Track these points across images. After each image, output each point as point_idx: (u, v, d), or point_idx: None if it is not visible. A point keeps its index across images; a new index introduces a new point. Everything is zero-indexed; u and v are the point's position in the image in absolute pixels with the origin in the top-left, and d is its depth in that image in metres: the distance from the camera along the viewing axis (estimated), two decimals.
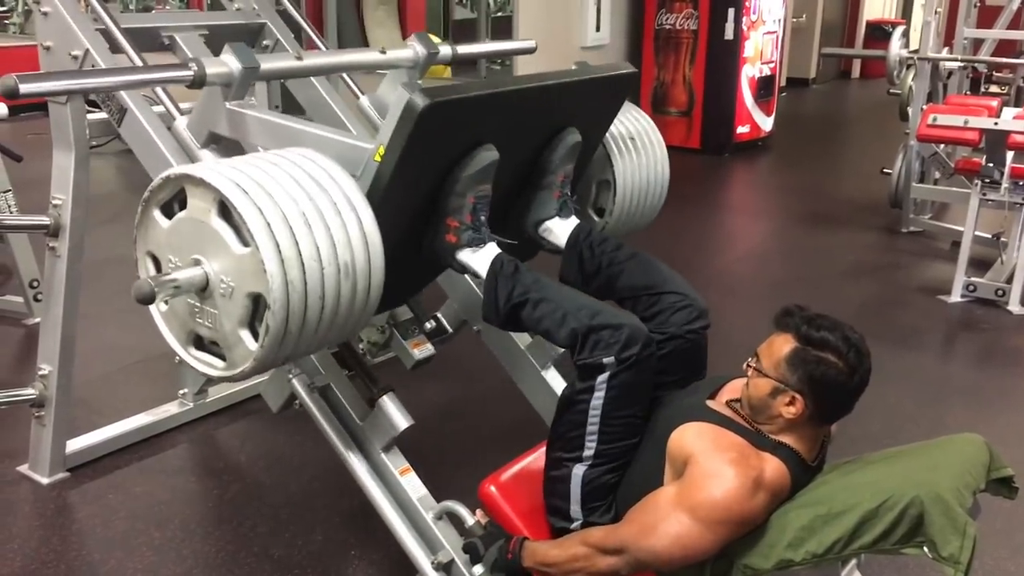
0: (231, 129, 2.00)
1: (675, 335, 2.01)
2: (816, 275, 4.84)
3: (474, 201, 1.93)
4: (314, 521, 2.55)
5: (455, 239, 1.94)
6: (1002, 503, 1.79)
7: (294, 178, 1.64)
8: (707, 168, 7.46)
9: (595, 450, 1.84)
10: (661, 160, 2.50)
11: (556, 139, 2.11)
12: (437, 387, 3.25)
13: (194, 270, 1.64)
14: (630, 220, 2.49)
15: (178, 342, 1.77)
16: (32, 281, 3.85)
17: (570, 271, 2.15)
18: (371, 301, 1.72)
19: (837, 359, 1.67)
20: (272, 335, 1.58)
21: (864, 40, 12.83)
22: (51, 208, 2.52)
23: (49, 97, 2.40)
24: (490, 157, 1.90)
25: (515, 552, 1.84)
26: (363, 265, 1.67)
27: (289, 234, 1.56)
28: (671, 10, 7.70)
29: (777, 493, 1.68)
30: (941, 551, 1.50)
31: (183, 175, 1.64)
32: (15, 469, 2.77)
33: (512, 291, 1.91)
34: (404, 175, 1.79)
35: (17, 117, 4.95)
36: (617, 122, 2.39)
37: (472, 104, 1.85)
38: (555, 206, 2.15)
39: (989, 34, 5.96)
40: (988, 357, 3.91)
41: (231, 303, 1.62)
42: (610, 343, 1.79)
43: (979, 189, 4.36)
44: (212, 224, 1.61)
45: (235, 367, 1.69)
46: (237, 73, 1.95)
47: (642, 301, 2.05)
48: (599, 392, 1.80)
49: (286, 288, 1.55)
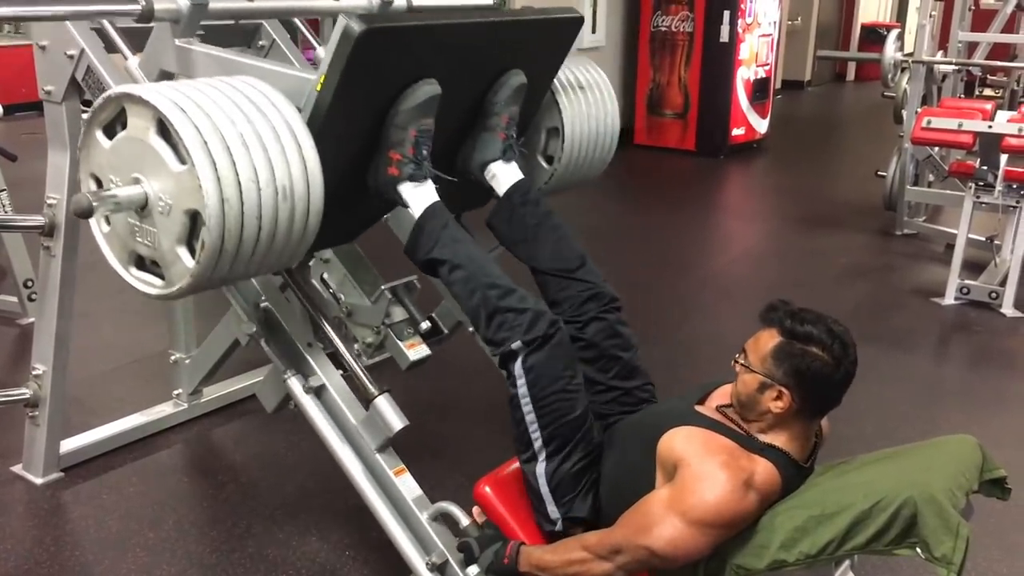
0: (180, 66, 2.04)
1: (591, 319, 2.10)
2: (810, 277, 4.85)
3: (416, 135, 1.96)
4: (309, 522, 2.55)
5: (397, 172, 1.99)
6: (995, 504, 1.79)
7: (234, 101, 1.69)
8: (702, 170, 7.47)
9: (541, 438, 1.88)
10: (611, 112, 2.54)
11: (501, 80, 2.14)
12: (432, 388, 3.25)
13: (134, 188, 1.69)
14: (579, 170, 2.52)
15: (119, 262, 1.83)
16: (26, 280, 3.84)
17: (498, 221, 2.22)
18: (310, 227, 1.77)
19: (822, 351, 1.68)
20: (208, 252, 1.63)
21: (859, 43, 12.87)
22: (46, 208, 2.52)
23: (43, 96, 2.40)
24: (432, 91, 1.93)
25: (512, 557, 1.84)
26: (301, 189, 1.71)
27: (226, 153, 1.61)
28: (667, 12, 7.72)
29: (768, 495, 1.69)
30: (934, 552, 1.50)
31: (124, 94, 1.69)
32: (9, 469, 2.77)
33: (434, 246, 1.99)
34: (344, 103, 1.82)
35: (12, 116, 4.93)
36: (568, 71, 2.42)
37: (412, 33, 1.88)
38: (499, 148, 2.19)
39: (983, 37, 5.98)
40: (981, 359, 3.92)
41: (169, 220, 1.67)
42: (513, 326, 1.86)
43: (973, 192, 4.37)
44: (151, 142, 1.65)
45: (173, 285, 1.74)
46: (185, 8, 1.99)
47: (552, 281, 2.15)
48: (520, 380, 1.87)
49: (222, 205, 1.60)
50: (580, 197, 3.32)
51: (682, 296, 4.51)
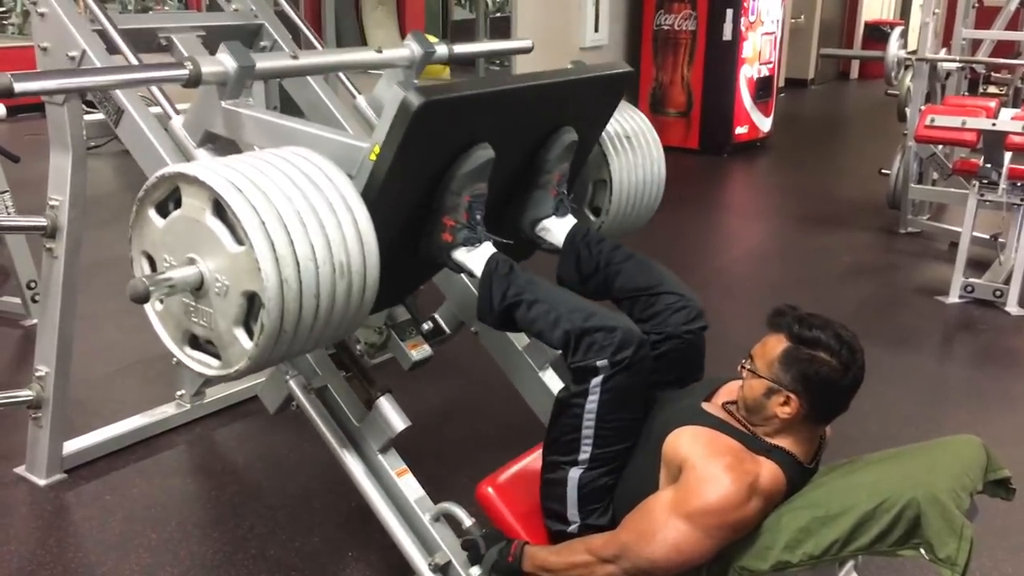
0: (227, 128, 2.00)
1: (672, 335, 2.01)
2: (814, 276, 4.84)
3: (470, 200, 1.93)
4: (311, 522, 2.55)
5: (451, 238, 1.94)
6: (999, 504, 1.79)
7: (289, 176, 1.64)
8: (705, 169, 7.46)
9: (591, 453, 1.84)
10: (657, 160, 2.50)
11: (552, 138, 2.11)
12: (434, 388, 3.25)
13: (189, 269, 1.64)
14: (626, 220, 2.49)
15: (174, 342, 1.77)
16: (29, 282, 3.85)
17: (567, 270, 2.15)
18: (366, 300, 1.72)
19: (830, 357, 1.67)
20: (267, 334, 1.58)
21: (862, 41, 12.84)
22: (48, 209, 2.52)
23: (45, 97, 2.39)
24: (486, 156, 1.90)
25: (516, 556, 1.84)
26: (358, 264, 1.67)
27: (284, 232, 1.56)
28: (669, 11, 7.71)
29: (772, 496, 1.68)
30: (938, 553, 1.50)
31: (178, 174, 1.64)
32: (12, 471, 2.77)
33: (507, 291, 1.91)
34: (399, 174, 1.79)
35: (15, 118, 4.93)
36: (613, 121, 2.39)
37: (467, 103, 1.85)
38: (552, 205, 2.15)
39: (987, 35, 5.96)
40: (986, 358, 3.91)
41: (226, 302, 1.62)
42: (604, 345, 1.78)
43: (977, 190, 4.36)
44: (207, 223, 1.61)
45: (230, 366, 1.68)
46: (232, 72, 1.95)
47: (639, 302, 2.06)
48: (593, 396, 1.80)
49: (281, 287, 1.55)
50: None
51: None
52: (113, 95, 2.21)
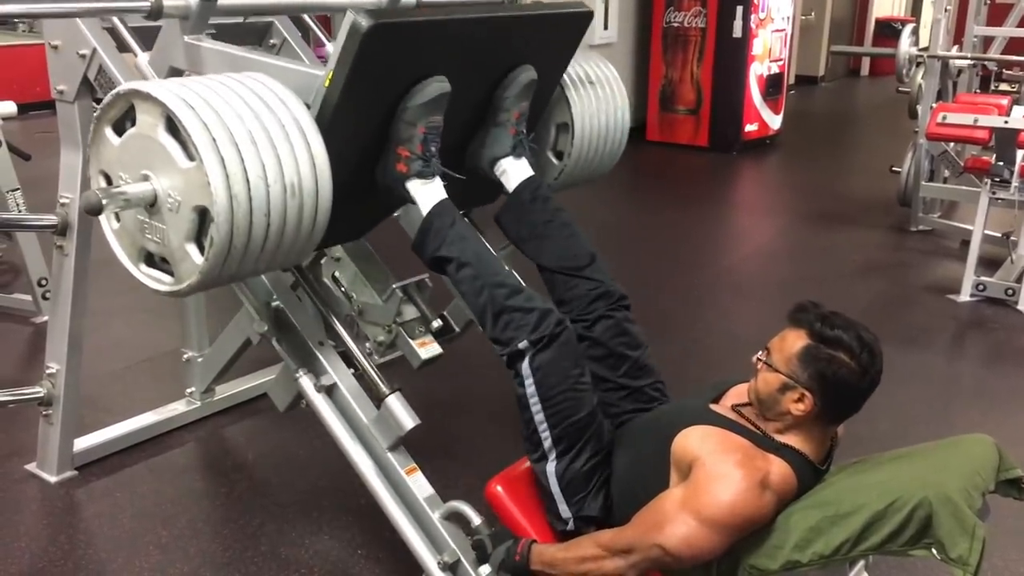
0: (189, 62, 2.04)
1: (598, 317, 2.08)
2: (824, 274, 4.82)
3: (424, 131, 1.95)
4: (321, 520, 2.56)
5: (405, 169, 1.98)
6: (1011, 504, 1.77)
7: (242, 98, 1.69)
8: (715, 166, 7.44)
9: (551, 437, 1.87)
10: (621, 107, 2.52)
11: (511, 76, 2.13)
12: (444, 387, 3.25)
13: (142, 184, 1.69)
14: (589, 165, 2.51)
15: (129, 259, 1.83)
16: (40, 279, 3.86)
17: (507, 218, 2.21)
18: (319, 224, 1.77)
19: (849, 359, 1.66)
20: (217, 248, 1.63)
21: (873, 38, 12.79)
22: (59, 207, 2.53)
23: (56, 95, 2.41)
24: (441, 88, 1.92)
25: (523, 553, 1.84)
26: (310, 186, 1.72)
27: (235, 150, 1.61)
28: (679, 8, 7.69)
29: (783, 494, 1.68)
30: (950, 553, 1.49)
31: (132, 91, 1.69)
32: (23, 467, 2.78)
33: (442, 243, 1.98)
34: (353, 100, 1.82)
35: (26, 115, 4.94)
36: (577, 66, 2.41)
37: (419, 29, 1.87)
38: (509, 143, 2.18)
39: (999, 32, 5.93)
40: (998, 357, 3.89)
41: (178, 217, 1.67)
42: (520, 325, 1.85)
43: (989, 188, 4.34)
44: (159, 139, 1.66)
45: (182, 281, 1.74)
46: (195, 5, 1.98)
47: (559, 279, 2.13)
48: (528, 379, 1.86)
49: (231, 202, 1.60)
50: (592, 193, 3.31)
51: (694, 293, 4.49)
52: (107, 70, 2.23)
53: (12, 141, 4.09)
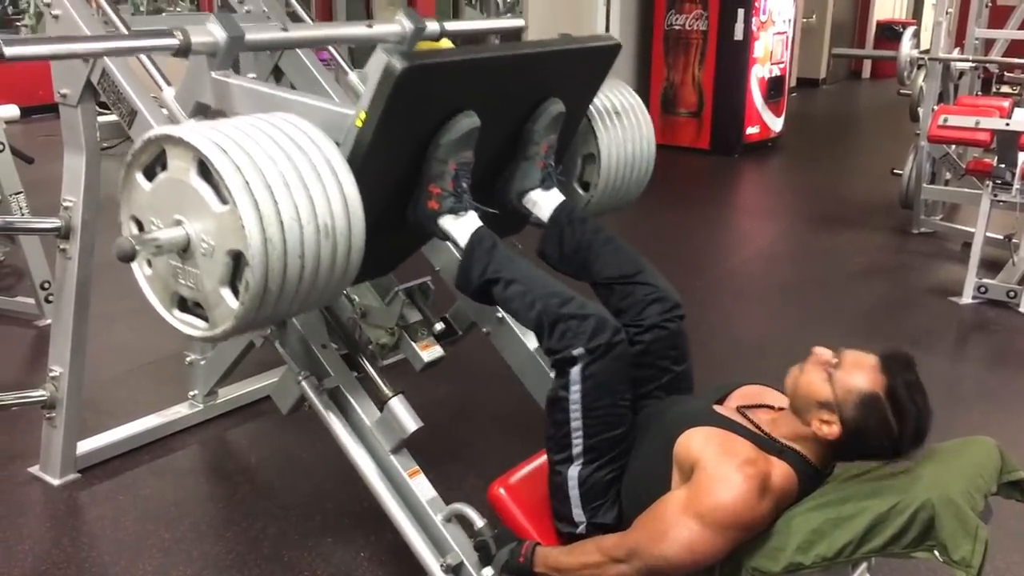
0: (216, 99, 2.02)
1: (651, 326, 2.03)
2: (826, 276, 4.82)
3: (456, 168, 1.94)
4: (324, 523, 2.56)
5: (437, 206, 1.96)
6: (1013, 506, 1.77)
7: (274, 139, 1.66)
8: (716, 169, 7.44)
9: (583, 446, 1.84)
10: (647, 136, 2.51)
11: (539, 109, 2.12)
12: (446, 389, 3.25)
13: (175, 230, 1.66)
14: (615, 194, 2.50)
15: (162, 305, 1.80)
16: (43, 283, 3.87)
17: (549, 246, 2.18)
18: (352, 263, 1.74)
19: (898, 433, 1.64)
20: (252, 292, 1.60)
21: (874, 40, 12.80)
22: (62, 210, 2.53)
23: (59, 98, 2.41)
24: (471, 124, 1.91)
25: (527, 556, 1.84)
26: (343, 227, 1.69)
27: (268, 192, 1.59)
28: (680, 11, 7.70)
29: (784, 497, 1.68)
30: (952, 555, 1.49)
31: (163, 135, 1.67)
32: (26, 470, 2.78)
33: (487, 267, 1.94)
34: (385, 139, 1.81)
35: (29, 119, 4.96)
36: (603, 97, 2.40)
37: (452, 69, 1.86)
38: (538, 176, 2.16)
39: (1000, 34, 5.93)
40: (1000, 359, 3.89)
41: (211, 262, 1.65)
42: (577, 332, 1.80)
43: (990, 190, 4.33)
44: (192, 183, 1.63)
45: (217, 327, 1.71)
46: (222, 42, 1.97)
47: (615, 291, 2.08)
48: (575, 386, 1.81)
49: (265, 245, 1.57)
50: None
51: (696, 295, 4.48)
52: (126, 95, 2.22)
53: (15, 144, 4.09)
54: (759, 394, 1.92)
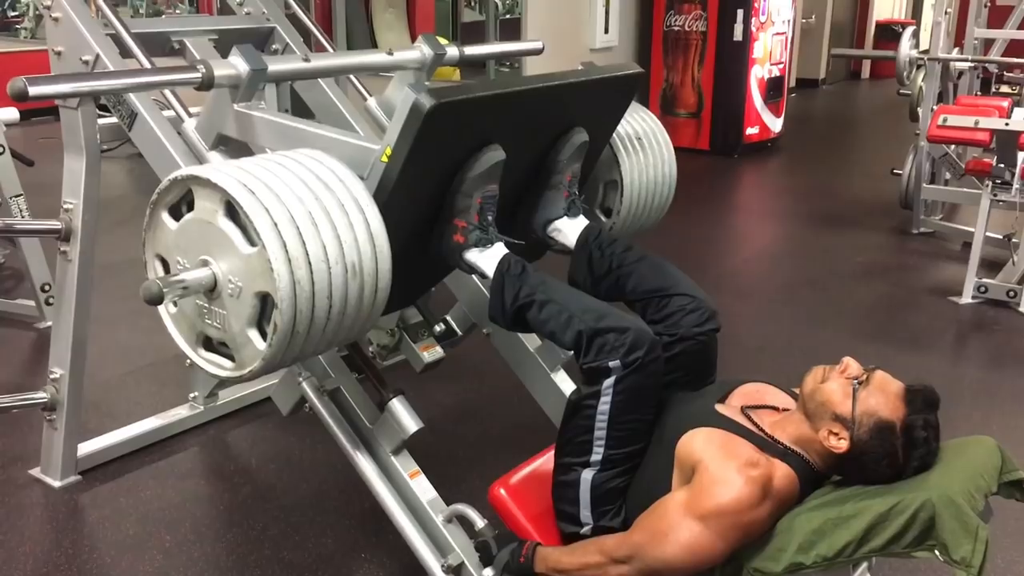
0: (239, 131, 2.02)
1: (684, 336, 2.00)
2: (826, 276, 4.83)
3: (481, 201, 1.93)
4: (325, 524, 2.56)
5: (463, 239, 1.95)
6: (1014, 506, 1.78)
7: (301, 178, 1.65)
8: (716, 169, 7.44)
9: (603, 455, 1.83)
10: (668, 160, 2.50)
11: (563, 139, 2.11)
12: (447, 390, 3.25)
13: (202, 271, 1.65)
14: (637, 220, 2.49)
15: (187, 344, 1.78)
16: (44, 285, 3.87)
17: (580, 272, 2.15)
18: (379, 301, 1.73)
19: (902, 462, 1.65)
20: (280, 334, 1.59)
21: (874, 41, 12.80)
22: (62, 212, 2.53)
23: (59, 100, 2.41)
24: (496, 157, 1.90)
25: (528, 556, 1.84)
26: (371, 265, 1.67)
27: (296, 233, 1.57)
28: (680, 12, 7.69)
29: (785, 498, 1.68)
30: (953, 554, 1.49)
31: (190, 176, 1.66)
32: (27, 472, 2.78)
33: (519, 292, 1.91)
34: (411, 175, 1.79)
35: (28, 121, 4.96)
36: (624, 122, 2.39)
37: (479, 104, 1.85)
38: (563, 206, 2.16)
39: (1000, 34, 5.93)
40: (1000, 359, 3.89)
41: (239, 303, 1.63)
42: (615, 346, 1.77)
43: (990, 190, 4.33)
44: (219, 224, 1.62)
45: (244, 367, 1.69)
46: (245, 75, 1.96)
47: (652, 304, 2.05)
48: (606, 397, 1.80)
49: (293, 287, 1.56)
50: None
51: None
52: (126, 98, 2.22)
53: (15, 147, 4.09)
54: (761, 393, 1.92)
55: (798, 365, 1.84)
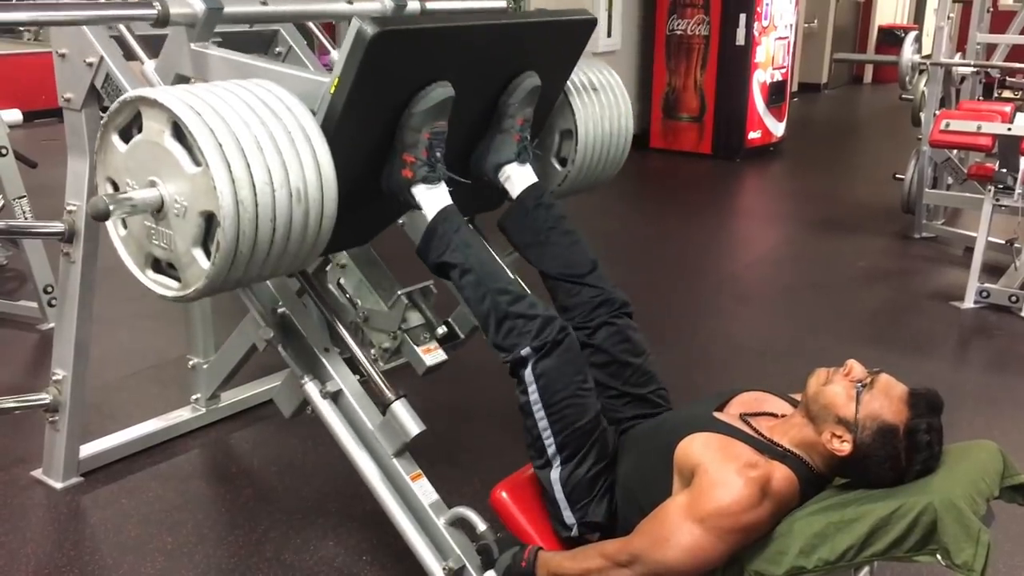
0: (195, 69, 2.05)
1: (600, 324, 2.09)
2: (828, 281, 4.82)
3: (429, 137, 1.96)
4: (326, 526, 2.56)
5: (411, 174, 1.99)
6: (1016, 510, 1.78)
7: (248, 104, 1.70)
8: (718, 174, 7.44)
9: (555, 444, 1.88)
10: (625, 112, 2.53)
11: (515, 82, 2.14)
12: (449, 393, 3.25)
13: (149, 190, 1.71)
14: (592, 171, 2.51)
15: (136, 265, 1.84)
16: (47, 287, 3.87)
17: (511, 224, 2.22)
18: (324, 230, 1.78)
19: (906, 465, 1.64)
20: (223, 253, 1.64)
21: (876, 45, 12.80)
22: (65, 214, 2.53)
23: (63, 103, 2.42)
24: (445, 93, 1.93)
25: (529, 561, 1.84)
26: (316, 193, 1.73)
27: (240, 155, 1.62)
28: (682, 16, 7.70)
29: (785, 500, 1.68)
30: (955, 559, 1.49)
31: (139, 97, 1.71)
32: (29, 474, 2.78)
33: (445, 250, 1.99)
34: (358, 106, 1.83)
35: (32, 123, 4.97)
36: (581, 73, 2.42)
37: (425, 36, 1.88)
38: (514, 150, 2.18)
39: (1002, 39, 5.94)
40: (1002, 364, 3.89)
41: (184, 222, 1.69)
42: (523, 332, 1.86)
43: (992, 195, 4.33)
44: (166, 145, 1.67)
45: (188, 287, 1.75)
46: (201, 13, 2.00)
47: (563, 287, 2.14)
48: (531, 386, 1.87)
49: (237, 207, 1.61)
50: (595, 201, 3.32)
51: (698, 300, 4.50)
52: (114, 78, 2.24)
53: (18, 149, 4.10)
54: (760, 401, 1.92)
55: (800, 369, 1.84)
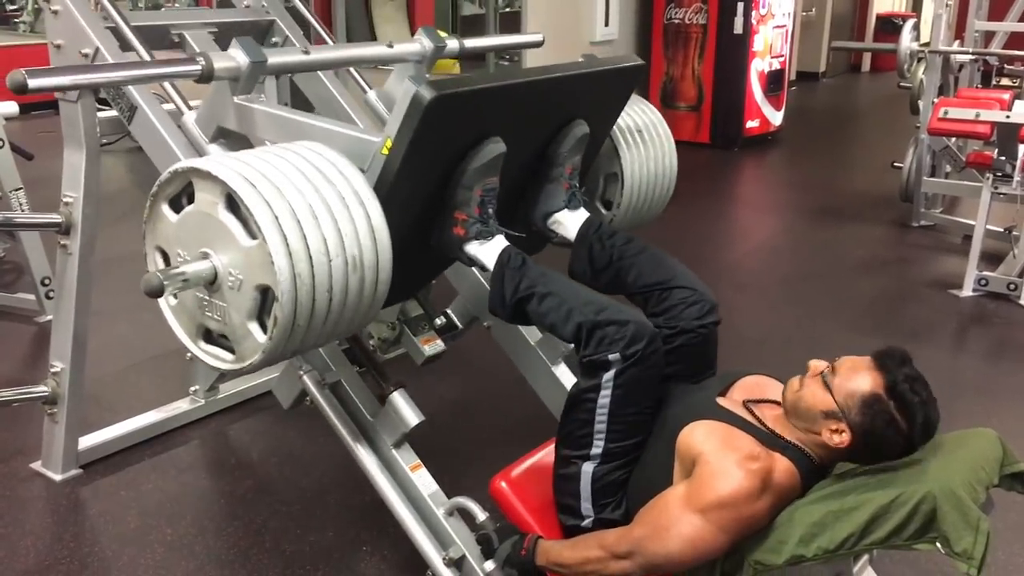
0: (239, 123, 2.02)
1: (685, 329, 2.00)
2: (826, 269, 4.83)
3: (481, 194, 1.93)
4: (325, 517, 2.56)
5: (463, 232, 1.95)
6: (1015, 498, 1.78)
7: (301, 171, 1.65)
8: (716, 163, 7.44)
9: (603, 448, 1.84)
10: (669, 153, 2.50)
11: (563, 131, 2.11)
12: (448, 383, 3.25)
13: (202, 263, 1.65)
14: (638, 213, 2.49)
15: (187, 336, 1.79)
16: (44, 279, 3.87)
17: (580, 264, 2.15)
18: (379, 294, 1.73)
19: (907, 428, 1.63)
20: (280, 327, 1.59)
21: (874, 33, 12.77)
22: (62, 206, 2.53)
23: (59, 94, 2.40)
24: (497, 150, 1.90)
25: (529, 550, 1.84)
26: (371, 258, 1.68)
27: (296, 227, 1.57)
28: (680, 4, 7.68)
29: (786, 491, 1.68)
30: (954, 546, 1.49)
31: (190, 168, 1.66)
32: (28, 466, 2.78)
33: (519, 284, 1.91)
34: (411, 168, 1.79)
35: (28, 115, 4.94)
36: (625, 115, 2.39)
37: (479, 96, 1.85)
38: (564, 198, 2.15)
39: (1000, 27, 5.92)
40: (1000, 351, 3.89)
41: (239, 296, 1.63)
42: (615, 339, 1.78)
43: (991, 183, 4.33)
44: (219, 217, 1.62)
45: (244, 360, 1.70)
46: (245, 67, 1.96)
47: (653, 297, 2.05)
48: (605, 390, 1.80)
49: (294, 280, 1.56)
50: None
51: None
52: (126, 91, 2.22)
53: (14, 140, 4.09)
54: (762, 387, 1.91)
55: (799, 358, 1.84)
